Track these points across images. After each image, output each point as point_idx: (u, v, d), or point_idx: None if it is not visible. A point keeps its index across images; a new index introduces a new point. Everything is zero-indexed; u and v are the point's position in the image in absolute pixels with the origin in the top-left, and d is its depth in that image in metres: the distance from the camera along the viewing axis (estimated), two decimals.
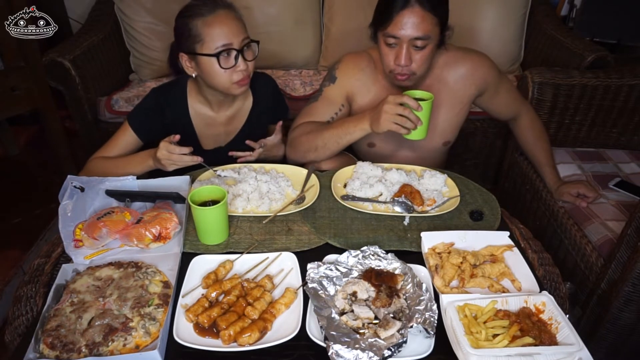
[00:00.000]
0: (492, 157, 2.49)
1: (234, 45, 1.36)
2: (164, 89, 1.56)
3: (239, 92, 1.45)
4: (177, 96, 1.54)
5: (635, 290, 1.34)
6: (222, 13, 1.36)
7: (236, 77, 1.40)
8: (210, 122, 1.58)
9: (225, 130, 1.61)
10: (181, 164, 1.34)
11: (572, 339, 0.86)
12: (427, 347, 0.88)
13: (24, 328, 1.02)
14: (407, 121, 1.30)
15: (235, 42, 1.36)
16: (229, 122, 1.60)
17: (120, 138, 1.50)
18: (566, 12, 2.87)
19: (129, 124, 1.49)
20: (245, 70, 1.40)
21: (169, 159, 1.32)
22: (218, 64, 1.35)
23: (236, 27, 1.37)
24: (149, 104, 1.54)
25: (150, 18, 2.49)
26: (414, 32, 1.30)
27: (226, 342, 0.89)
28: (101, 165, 1.45)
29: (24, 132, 2.99)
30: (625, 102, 1.92)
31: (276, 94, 1.69)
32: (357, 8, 2.50)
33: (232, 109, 1.59)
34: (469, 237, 1.14)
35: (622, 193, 1.72)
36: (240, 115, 1.61)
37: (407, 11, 1.29)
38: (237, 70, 1.39)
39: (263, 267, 1.08)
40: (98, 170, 1.43)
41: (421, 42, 1.32)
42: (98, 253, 1.11)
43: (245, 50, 1.39)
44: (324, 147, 1.47)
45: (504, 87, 1.61)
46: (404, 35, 1.31)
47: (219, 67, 1.36)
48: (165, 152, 1.31)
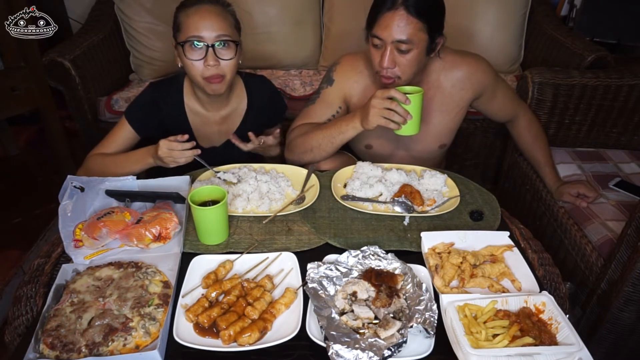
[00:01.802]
0: (492, 157, 2.49)
1: (205, 38, 1.35)
2: (161, 84, 1.57)
3: (211, 90, 1.42)
4: (174, 92, 1.54)
5: (635, 290, 1.34)
6: (204, 7, 1.36)
7: (207, 72, 1.38)
8: (205, 120, 1.58)
9: (219, 130, 1.60)
10: (182, 161, 1.33)
11: (572, 339, 0.86)
12: (427, 347, 0.88)
13: (24, 328, 1.02)
14: (395, 115, 1.30)
15: (206, 35, 1.34)
16: (223, 122, 1.60)
17: (118, 134, 1.50)
18: (566, 12, 2.87)
19: (126, 119, 1.49)
20: (214, 66, 1.37)
21: (170, 156, 1.32)
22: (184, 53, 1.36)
23: (214, 21, 1.35)
24: (145, 99, 1.54)
25: (150, 18, 2.49)
26: (396, 35, 1.31)
27: (226, 342, 0.89)
28: (100, 162, 1.45)
29: (24, 132, 3.00)
30: (625, 102, 1.92)
31: (273, 95, 1.68)
32: (357, 8, 2.48)
33: (226, 109, 1.58)
34: (469, 237, 1.14)
35: (622, 193, 1.72)
36: (235, 116, 1.61)
37: (392, 13, 1.30)
38: (206, 65, 1.37)
39: (263, 267, 1.08)
40: (97, 167, 1.43)
41: (405, 45, 1.32)
42: (98, 253, 1.11)
43: (219, 47, 1.37)
44: (319, 147, 1.47)
45: (501, 89, 1.61)
46: (386, 36, 1.32)
47: (186, 57, 1.37)
48: (166, 149, 1.31)
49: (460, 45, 1.62)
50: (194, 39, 1.35)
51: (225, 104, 1.57)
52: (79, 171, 1.46)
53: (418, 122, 1.35)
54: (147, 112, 1.52)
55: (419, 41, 1.33)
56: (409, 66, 1.37)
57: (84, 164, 1.47)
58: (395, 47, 1.33)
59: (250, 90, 1.61)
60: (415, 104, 1.31)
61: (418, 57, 1.36)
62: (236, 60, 1.42)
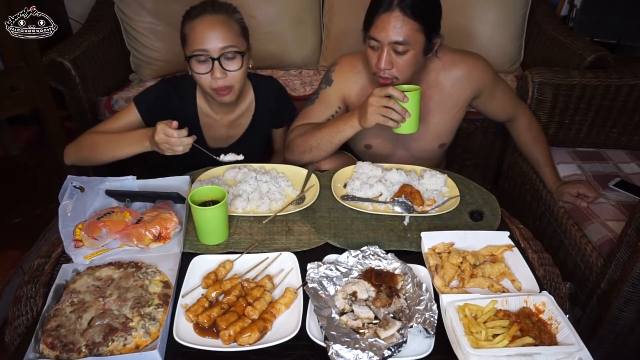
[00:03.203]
0: (492, 157, 2.49)
1: (210, 52, 1.33)
2: (175, 80, 1.55)
3: (220, 101, 1.42)
4: (187, 89, 1.53)
5: (635, 290, 1.34)
6: (208, 18, 1.34)
7: (215, 84, 1.37)
8: (213, 123, 1.58)
9: (227, 133, 1.60)
10: (180, 150, 1.25)
11: (572, 339, 0.86)
12: (427, 347, 0.88)
13: (24, 328, 1.02)
14: (393, 112, 1.30)
15: (211, 48, 1.32)
16: (232, 125, 1.60)
17: (122, 117, 1.46)
18: (566, 12, 2.87)
19: (135, 104, 1.45)
20: (221, 79, 1.36)
21: (167, 142, 1.24)
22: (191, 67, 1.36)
23: (218, 32, 1.33)
24: (158, 89, 1.51)
25: (151, 18, 2.49)
26: (393, 36, 1.31)
27: (226, 342, 0.89)
28: (92, 139, 1.40)
29: (24, 132, 2.99)
30: (625, 102, 1.92)
31: (281, 97, 1.67)
32: (357, 8, 2.45)
33: (235, 113, 1.58)
34: (469, 237, 1.14)
35: (622, 193, 1.72)
36: (243, 119, 1.60)
37: (388, 15, 1.30)
38: (213, 78, 1.35)
39: (263, 267, 1.08)
40: (88, 144, 1.38)
41: (402, 47, 1.32)
42: (98, 253, 1.11)
43: (224, 59, 1.35)
44: (318, 147, 1.47)
45: (500, 89, 1.61)
46: (383, 38, 1.32)
47: (194, 71, 1.36)
48: (162, 135, 1.23)
49: (460, 45, 1.62)
50: (199, 52, 1.33)
51: (234, 109, 1.57)
52: (70, 146, 1.41)
53: (417, 121, 1.35)
54: (159, 101, 1.49)
55: (415, 42, 1.33)
56: (406, 67, 1.37)
57: (76, 139, 1.41)
58: (392, 48, 1.33)
59: (258, 92, 1.60)
60: (414, 101, 1.31)
61: (415, 57, 1.36)
62: (244, 70, 1.40)
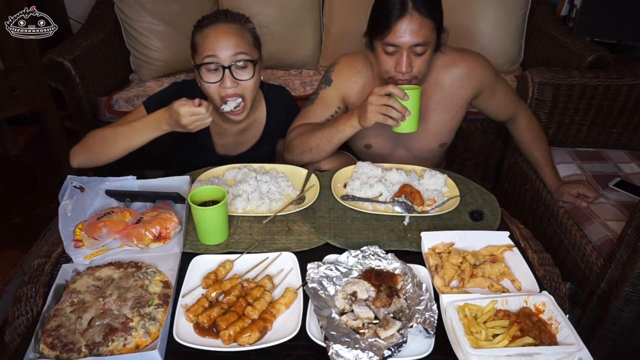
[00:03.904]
0: (492, 157, 2.49)
1: (220, 59, 1.31)
2: (187, 84, 1.53)
3: (234, 119, 1.41)
4: (198, 93, 1.50)
5: (635, 290, 1.34)
6: (221, 26, 1.33)
7: (224, 93, 1.35)
8: (222, 132, 1.56)
9: (235, 141, 1.59)
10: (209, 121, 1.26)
11: (572, 339, 0.86)
12: (427, 347, 0.88)
13: (24, 328, 1.02)
14: (393, 111, 1.30)
15: (222, 55, 1.31)
16: (241, 134, 1.58)
17: (131, 119, 1.43)
18: (566, 12, 2.87)
19: (145, 107, 1.44)
20: (232, 87, 1.34)
21: (197, 120, 1.24)
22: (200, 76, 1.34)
23: (230, 40, 1.32)
24: (170, 92, 1.49)
25: (151, 18, 2.49)
26: (413, 39, 1.30)
27: (226, 342, 0.89)
28: (100, 135, 1.37)
29: (24, 132, 2.99)
30: (625, 102, 1.92)
31: (291, 107, 1.65)
32: (357, 8, 2.48)
33: (244, 122, 1.55)
34: (469, 237, 1.14)
35: (622, 193, 1.72)
36: (253, 129, 1.58)
37: (406, 19, 1.29)
38: (223, 86, 1.34)
39: (263, 267, 1.08)
40: (97, 141, 1.35)
41: (421, 48, 1.32)
42: (98, 253, 1.11)
43: (235, 68, 1.33)
44: (317, 147, 1.47)
45: (500, 88, 1.61)
46: (403, 42, 1.31)
47: (203, 80, 1.35)
48: (191, 117, 1.23)
49: (460, 45, 1.62)
50: (209, 59, 1.31)
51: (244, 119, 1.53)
52: (76, 147, 1.38)
53: (417, 119, 1.34)
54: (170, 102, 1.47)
55: (432, 40, 1.34)
56: (424, 66, 1.38)
57: (81, 141, 1.39)
58: (411, 50, 1.33)
59: (269, 102, 1.58)
60: (414, 99, 1.30)
61: (430, 55, 1.37)
62: (255, 80, 1.38)
